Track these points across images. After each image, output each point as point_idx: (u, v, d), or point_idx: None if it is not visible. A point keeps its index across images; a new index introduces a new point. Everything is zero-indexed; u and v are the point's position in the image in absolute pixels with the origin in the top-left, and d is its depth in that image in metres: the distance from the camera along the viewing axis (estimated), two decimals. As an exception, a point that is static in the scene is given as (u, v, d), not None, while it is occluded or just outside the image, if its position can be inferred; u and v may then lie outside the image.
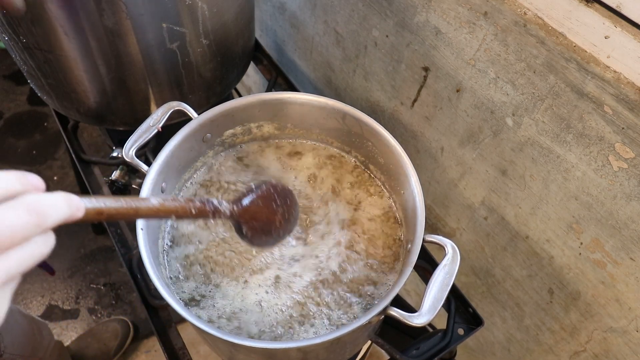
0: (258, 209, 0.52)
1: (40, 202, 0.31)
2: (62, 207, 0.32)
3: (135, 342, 1.60)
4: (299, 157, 0.87)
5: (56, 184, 1.97)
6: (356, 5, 1.00)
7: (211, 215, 0.48)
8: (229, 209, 0.49)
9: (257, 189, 0.53)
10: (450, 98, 0.88)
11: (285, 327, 0.69)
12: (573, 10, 0.63)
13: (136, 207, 0.41)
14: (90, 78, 0.88)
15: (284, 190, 0.56)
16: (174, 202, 0.44)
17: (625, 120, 0.62)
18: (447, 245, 0.66)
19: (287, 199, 0.55)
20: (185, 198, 0.46)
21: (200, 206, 0.46)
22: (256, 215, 0.52)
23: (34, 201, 0.30)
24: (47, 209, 0.31)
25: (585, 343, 0.83)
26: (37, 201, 0.30)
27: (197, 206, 0.46)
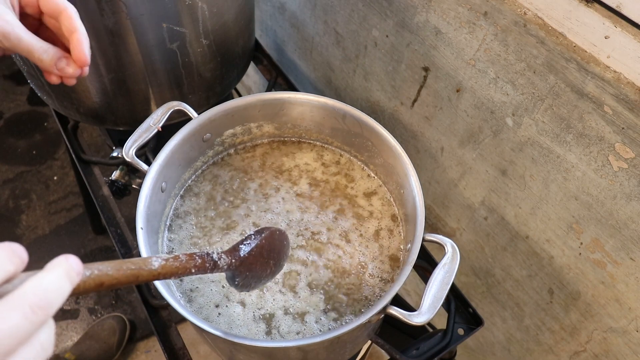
0: (254, 259, 0.53)
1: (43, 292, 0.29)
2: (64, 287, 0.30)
3: (135, 342, 1.60)
4: (299, 157, 0.87)
5: (56, 184, 1.97)
6: (356, 5, 1.00)
7: (209, 271, 0.48)
8: (227, 264, 0.50)
9: (255, 239, 0.53)
10: (450, 98, 0.88)
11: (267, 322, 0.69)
12: (573, 10, 0.63)
13: (137, 274, 0.40)
14: (90, 78, 0.88)
15: (281, 237, 0.56)
16: (175, 261, 0.44)
17: (625, 120, 0.62)
18: (447, 244, 0.66)
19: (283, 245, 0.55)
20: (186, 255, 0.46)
21: (200, 264, 0.46)
22: (251, 267, 0.53)
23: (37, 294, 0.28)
24: (51, 297, 0.29)
25: (585, 343, 0.83)
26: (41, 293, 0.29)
27: (197, 264, 0.46)
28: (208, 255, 0.48)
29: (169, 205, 0.78)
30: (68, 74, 0.56)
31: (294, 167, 0.86)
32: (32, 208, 1.90)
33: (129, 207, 0.94)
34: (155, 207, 0.72)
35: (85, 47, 0.55)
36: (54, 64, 0.54)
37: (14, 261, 0.29)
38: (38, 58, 0.54)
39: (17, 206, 1.90)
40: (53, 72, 0.55)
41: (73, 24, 0.55)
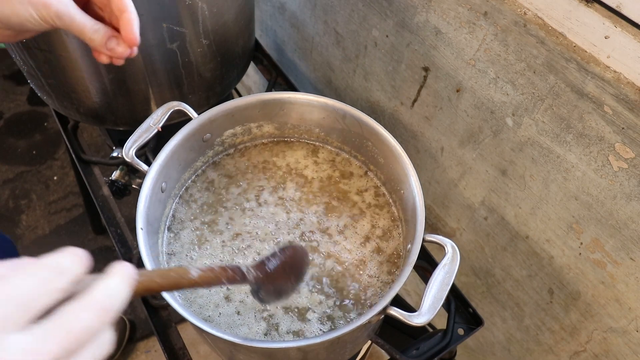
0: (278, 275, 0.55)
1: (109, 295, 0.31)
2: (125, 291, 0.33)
3: (135, 342, 1.60)
4: (298, 157, 0.87)
5: (56, 184, 1.97)
6: (356, 5, 1.00)
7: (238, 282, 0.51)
8: (254, 277, 0.53)
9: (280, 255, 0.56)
10: (450, 98, 0.88)
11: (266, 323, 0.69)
12: (573, 10, 0.63)
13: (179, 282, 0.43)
14: (90, 78, 0.88)
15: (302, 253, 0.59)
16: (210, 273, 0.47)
17: (625, 120, 0.62)
18: (447, 245, 0.66)
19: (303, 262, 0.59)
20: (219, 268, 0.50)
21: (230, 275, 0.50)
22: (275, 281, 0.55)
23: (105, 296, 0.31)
24: (116, 300, 0.32)
25: (585, 343, 0.84)
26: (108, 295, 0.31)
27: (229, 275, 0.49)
28: (238, 268, 0.51)
29: (169, 205, 0.78)
30: (117, 54, 0.56)
31: (293, 167, 0.86)
32: (32, 208, 1.90)
33: (129, 207, 0.94)
34: (156, 208, 0.72)
35: (136, 26, 0.55)
36: (104, 43, 0.54)
37: (82, 264, 0.32)
38: (89, 37, 0.54)
39: (17, 206, 1.90)
40: (103, 52, 0.55)
41: (124, 3, 0.55)
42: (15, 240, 1.82)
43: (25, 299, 0.28)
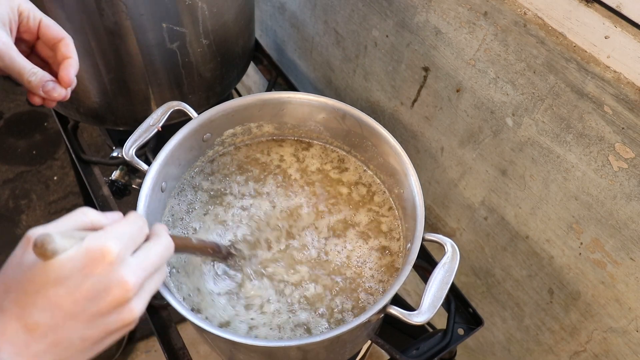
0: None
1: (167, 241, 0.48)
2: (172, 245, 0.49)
3: (135, 342, 1.60)
4: (299, 157, 0.87)
5: (56, 184, 1.97)
6: (356, 5, 1.00)
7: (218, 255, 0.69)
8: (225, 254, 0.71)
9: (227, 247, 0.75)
10: (450, 98, 0.88)
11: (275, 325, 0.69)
12: (573, 10, 0.63)
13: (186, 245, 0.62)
14: (90, 78, 0.88)
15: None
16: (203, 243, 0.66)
17: (625, 120, 0.62)
18: (447, 244, 0.66)
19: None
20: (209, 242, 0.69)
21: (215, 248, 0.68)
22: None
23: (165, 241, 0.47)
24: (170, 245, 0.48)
25: (585, 343, 0.83)
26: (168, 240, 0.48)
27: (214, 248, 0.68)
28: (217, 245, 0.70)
29: (169, 205, 0.79)
30: (52, 97, 0.60)
31: (293, 167, 0.86)
32: (32, 208, 1.90)
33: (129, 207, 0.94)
34: (155, 207, 0.72)
35: (74, 71, 0.61)
36: (40, 86, 0.59)
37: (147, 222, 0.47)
38: (27, 79, 0.58)
39: (17, 206, 1.90)
40: (38, 94, 0.60)
41: (69, 51, 0.61)
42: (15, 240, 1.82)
43: (132, 236, 0.44)
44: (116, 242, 0.41)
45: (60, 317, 0.38)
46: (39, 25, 0.60)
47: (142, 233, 0.45)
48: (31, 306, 0.38)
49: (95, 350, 0.42)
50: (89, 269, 0.39)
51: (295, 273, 0.74)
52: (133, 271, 0.41)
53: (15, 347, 0.37)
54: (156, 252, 0.45)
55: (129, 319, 0.42)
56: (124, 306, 0.41)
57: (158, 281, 0.46)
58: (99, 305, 0.39)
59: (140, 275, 0.42)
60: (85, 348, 0.41)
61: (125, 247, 0.42)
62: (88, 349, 0.41)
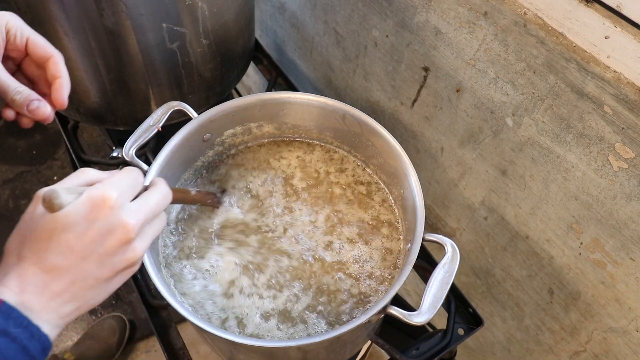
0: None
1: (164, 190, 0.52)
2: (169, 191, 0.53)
3: (135, 342, 1.60)
4: (299, 157, 0.87)
5: (56, 184, 1.97)
6: (356, 5, 1.00)
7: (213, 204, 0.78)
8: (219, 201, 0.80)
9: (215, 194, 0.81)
10: (450, 98, 0.88)
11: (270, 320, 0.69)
12: (573, 10, 0.63)
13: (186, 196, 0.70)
14: (90, 78, 0.88)
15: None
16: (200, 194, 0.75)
17: (625, 120, 0.62)
18: (447, 244, 0.66)
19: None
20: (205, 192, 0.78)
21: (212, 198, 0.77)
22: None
23: (162, 189, 0.52)
24: (167, 194, 0.52)
25: (585, 343, 0.84)
26: (164, 190, 0.52)
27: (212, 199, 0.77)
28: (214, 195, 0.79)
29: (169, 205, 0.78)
30: (36, 116, 0.60)
31: (293, 167, 0.86)
32: (32, 208, 1.90)
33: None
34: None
35: (67, 91, 0.61)
36: (24, 105, 0.58)
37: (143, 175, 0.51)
38: (11, 98, 0.58)
39: (17, 206, 1.90)
40: (23, 113, 0.59)
41: (58, 70, 0.60)
42: (15, 240, 1.82)
43: (130, 185, 0.47)
44: (114, 189, 0.45)
45: (73, 258, 0.43)
46: (27, 43, 0.59)
47: (138, 182, 0.49)
48: (45, 251, 0.43)
49: (108, 289, 0.47)
50: (92, 214, 0.43)
51: (295, 271, 0.74)
52: (133, 214, 0.46)
53: (37, 287, 0.42)
54: (154, 199, 0.49)
55: (133, 258, 0.46)
56: (128, 246, 0.45)
57: (158, 226, 0.50)
58: (105, 246, 0.44)
59: (140, 218, 0.46)
60: (99, 286, 0.45)
61: (123, 193, 0.46)
62: (101, 288, 0.46)
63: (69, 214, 0.43)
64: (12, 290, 0.42)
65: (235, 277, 0.73)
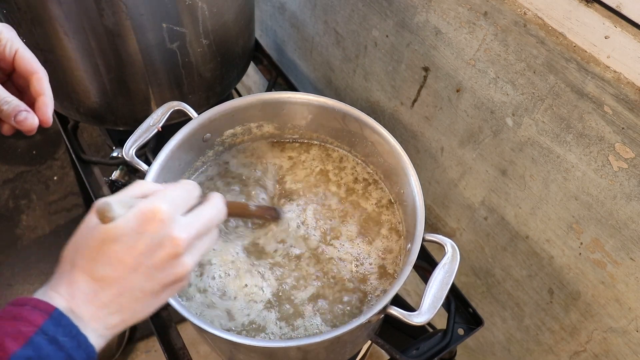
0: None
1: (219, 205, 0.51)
2: (224, 206, 0.52)
3: (135, 342, 1.60)
4: (299, 157, 0.87)
5: (56, 184, 1.97)
6: (356, 5, 1.00)
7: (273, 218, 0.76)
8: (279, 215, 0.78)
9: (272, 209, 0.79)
10: (450, 98, 0.88)
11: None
12: (573, 10, 0.63)
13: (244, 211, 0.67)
14: (90, 78, 0.88)
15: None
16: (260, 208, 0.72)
17: (625, 120, 0.62)
18: (447, 244, 0.66)
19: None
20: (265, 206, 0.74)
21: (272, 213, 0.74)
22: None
23: (216, 204, 0.51)
24: (222, 209, 0.51)
25: (585, 343, 0.84)
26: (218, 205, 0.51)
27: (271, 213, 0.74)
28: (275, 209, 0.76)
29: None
30: (23, 127, 0.60)
31: (293, 167, 0.86)
32: (32, 208, 1.90)
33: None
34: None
35: (51, 109, 0.61)
36: (12, 115, 0.59)
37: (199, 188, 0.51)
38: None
39: (17, 206, 1.90)
40: (10, 123, 0.59)
41: (42, 87, 0.61)
42: (15, 240, 1.82)
43: (183, 198, 0.47)
44: (166, 203, 0.45)
45: (121, 270, 0.43)
46: (14, 56, 0.60)
47: (192, 196, 0.49)
48: (96, 261, 0.43)
49: (155, 303, 0.46)
50: (142, 227, 0.43)
51: (295, 271, 0.74)
52: (183, 228, 0.45)
53: (86, 295, 0.43)
54: (207, 214, 0.49)
55: (181, 273, 0.46)
56: (176, 260, 0.45)
57: (209, 242, 0.49)
58: (154, 259, 0.44)
59: (190, 233, 0.46)
60: (146, 299, 0.45)
61: (175, 207, 0.46)
62: (148, 301, 0.46)
63: (120, 225, 0.43)
64: (62, 297, 0.42)
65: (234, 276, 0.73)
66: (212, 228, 0.50)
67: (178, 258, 0.45)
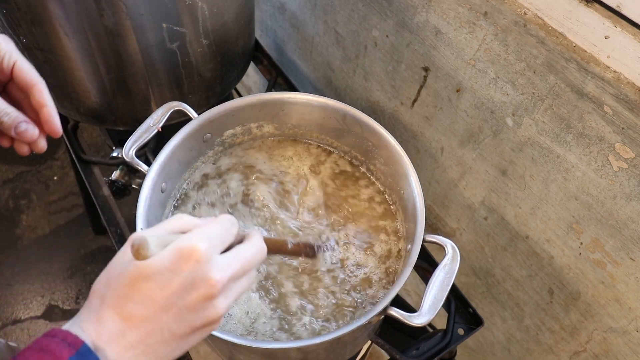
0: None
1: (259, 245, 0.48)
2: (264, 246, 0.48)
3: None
4: (299, 157, 0.87)
5: (56, 184, 1.97)
6: (356, 5, 1.00)
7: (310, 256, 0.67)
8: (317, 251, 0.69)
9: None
10: (450, 98, 0.88)
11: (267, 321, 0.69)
12: (573, 10, 0.63)
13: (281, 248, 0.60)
14: (90, 78, 0.88)
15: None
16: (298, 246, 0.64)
17: (625, 120, 0.62)
18: (447, 245, 0.66)
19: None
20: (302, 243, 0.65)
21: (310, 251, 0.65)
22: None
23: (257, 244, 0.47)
24: (262, 249, 0.48)
25: (585, 343, 0.84)
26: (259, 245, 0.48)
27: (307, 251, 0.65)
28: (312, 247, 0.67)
29: (169, 205, 0.78)
30: (25, 138, 0.59)
31: (292, 167, 0.86)
32: (32, 208, 1.90)
33: (129, 207, 0.94)
34: (156, 208, 0.72)
35: (57, 119, 0.60)
36: (13, 127, 0.58)
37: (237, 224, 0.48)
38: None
39: (17, 206, 1.90)
40: (10, 134, 0.59)
41: (43, 98, 0.59)
42: (15, 240, 1.82)
43: (221, 236, 0.45)
44: (203, 242, 0.42)
45: (152, 309, 0.41)
46: (13, 67, 0.59)
47: (230, 232, 0.47)
48: (126, 298, 0.41)
49: (182, 346, 0.44)
50: (177, 266, 0.41)
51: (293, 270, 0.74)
52: (219, 269, 0.43)
53: (113, 335, 0.41)
54: (245, 255, 0.46)
55: (212, 317, 0.43)
56: (209, 302, 0.42)
57: (246, 284, 0.47)
58: (186, 301, 0.42)
59: (226, 274, 0.43)
60: (173, 342, 0.43)
61: (212, 246, 0.43)
62: (176, 344, 0.43)
63: (154, 263, 0.41)
64: (88, 335, 0.41)
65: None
66: (251, 269, 0.47)
67: (212, 300, 0.43)
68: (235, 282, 0.45)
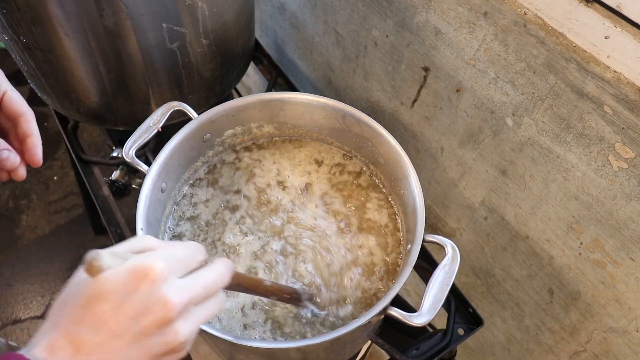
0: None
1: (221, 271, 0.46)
2: (228, 273, 0.47)
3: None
4: (299, 157, 0.87)
5: (56, 184, 1.97)
6: (356, 5, 1.00)
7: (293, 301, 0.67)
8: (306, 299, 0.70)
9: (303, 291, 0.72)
10: (450, 98, 0.88)
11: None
12: (573, 10, 0.63)
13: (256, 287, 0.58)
14: (90, 78, 0.88)
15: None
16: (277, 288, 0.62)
17: (625, 120, 0.62)
18: (447, 245, 0.66)
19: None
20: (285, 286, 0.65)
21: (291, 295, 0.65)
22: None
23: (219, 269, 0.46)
24: (224, 275, 0.46)
25: (585, 343, 0.84)
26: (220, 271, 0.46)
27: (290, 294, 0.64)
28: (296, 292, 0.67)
29: (169, 205, 0.78)
30: (5, 166, 0.60)
31: (292, 167, 0.86)
32: (32, 208, 1.90)
33: (128, 207, 0.94)
34: (156, 208, 0.72)
35: (40, 150, 0.61)
36: None
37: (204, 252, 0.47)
38: None
39: (17, 206, 1.90)
40: None
41: (30, 128, 0.60)
42: (15, 240, 1.82)
43: (183, 259, 0.43)
44: (160, 261, 0.40)
45: (106, 335, 0.39)
46: (2, 97, 0.59)
47: (195, 259, 0.45)
48: (79, 322, 0.39)
49: None
50: (131, 286, 0.39)
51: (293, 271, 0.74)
52: (176, 291, 0.40)
53: None
54: (206, 278, 0.44)
55: (172, 342, 0.40)
56: (167, 327, 0.40)
57: (210, 310, 0.44)
58: (141, 324, 0.39)
59: (184, 297, 0.41)
60: None
61: (170, 267, 0.41)
62: None
63: (107, 280, 0.39)
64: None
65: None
66: (213, 294, 0.45)
67: (170, 324, 0.40)
68: (197, 306, 0.43)
